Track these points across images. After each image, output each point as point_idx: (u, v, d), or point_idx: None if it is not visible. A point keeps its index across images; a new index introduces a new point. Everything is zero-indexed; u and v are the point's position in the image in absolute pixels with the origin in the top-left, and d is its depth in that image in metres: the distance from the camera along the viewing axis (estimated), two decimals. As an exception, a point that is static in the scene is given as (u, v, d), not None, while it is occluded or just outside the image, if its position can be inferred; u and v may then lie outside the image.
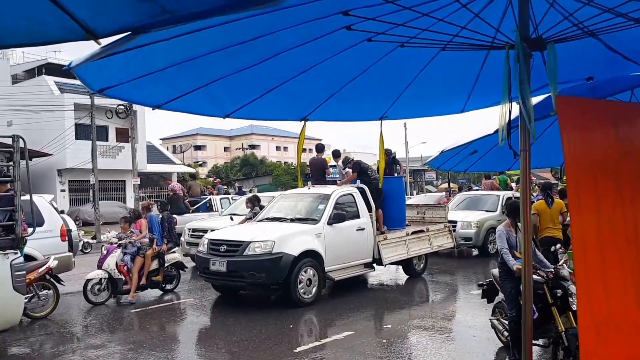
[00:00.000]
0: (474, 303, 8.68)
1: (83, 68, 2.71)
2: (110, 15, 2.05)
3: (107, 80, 3.08)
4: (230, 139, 74.89)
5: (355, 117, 4.61)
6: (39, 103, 27.70)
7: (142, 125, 32.94)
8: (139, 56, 2.77)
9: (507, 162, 5.80)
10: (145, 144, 34.71)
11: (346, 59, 3.54)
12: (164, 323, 8.45)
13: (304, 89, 3.83)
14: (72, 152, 29.15)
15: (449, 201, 16.20)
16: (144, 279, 9.67)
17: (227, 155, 70.54)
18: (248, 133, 72.90)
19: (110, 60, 2.67)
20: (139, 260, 9.61)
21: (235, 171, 56.24)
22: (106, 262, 9.43)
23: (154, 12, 1.99)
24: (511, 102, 3.23)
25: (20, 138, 6.60)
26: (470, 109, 4.34)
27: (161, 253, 9.90)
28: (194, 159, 61.13)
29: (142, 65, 2.99)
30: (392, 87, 3.99)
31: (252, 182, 45.53)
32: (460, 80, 3.99)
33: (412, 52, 3.51)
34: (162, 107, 3.51)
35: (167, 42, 2.67)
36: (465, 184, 27.28)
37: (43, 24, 2.09)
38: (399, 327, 7.56)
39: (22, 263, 6.38)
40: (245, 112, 3.89)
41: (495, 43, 3.39)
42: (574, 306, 5.05)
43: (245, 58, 3.28)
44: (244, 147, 66.24)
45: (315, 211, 9.69)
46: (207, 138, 71.69)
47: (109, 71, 2.95)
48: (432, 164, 6.29)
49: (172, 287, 10.29)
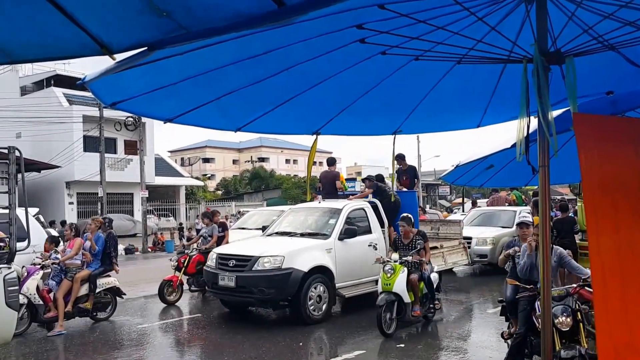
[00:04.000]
0: (489, 322, 8.50)
1: (97, 82, 2.70)
2: (125, 31, 2.04)
3: (119, 94, 3.06)
4: (239, 151, 75.12)
5: (368, 132, 4.55)
6: (48, 115, 27.81)
7: (150, 137, 33.05)
8: (152, 70, 2.74)
9: (524, 177, 5.70)
10: (153, 156, 34.81)
11: (359, 72, 3.48)
12: (171, 339, 8.37)
13: (316, 102, 3.78)
14: (81, 164, 29.25)
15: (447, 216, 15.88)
16: (70, 306, 8.43)
17: (235, 168, 70.72)
18: (257, 145, 73.08)
19: (123, 74, 2.64)
20: (65, 284, 8.44)
21: (244, 184, 56.32)
22: (25, 286, 7.95)
23: (169, 28, 1.97)
24: (529, 117, 3.16)
25: (16, 149, 6.49)
26: (487, 124, 4.27)
27: (92, 276, 8.77)
28: (203, 172, 61.38)
29: (155, 79, 2.96)
30: (406, 100, 3.92)
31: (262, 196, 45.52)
32: (477, 94, 3.92)
33: (427, 65, 3.45)
34: (174, 120, 3.48)
35: (180, 56, 2.63)
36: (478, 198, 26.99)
37: (59, 39, 2.09)
38: (412, 347, 7.37)
39: (15, 278, 6.26)
40: (257, 126, 3.84)
41: (513, 56, 3.33)
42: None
43: (258, 71, 3.23)
44: (253, 159, 66.39)
45: (325, 226, 9.58)
46: (215, 150, 71.95)
47: (121, 85, 2.93)
48: (447, 179, 6.19)
49: (105, 315, 9.15)
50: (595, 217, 2.88)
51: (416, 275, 7.97)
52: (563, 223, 11.08)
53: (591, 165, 2.94)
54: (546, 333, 3.37)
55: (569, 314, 5.07)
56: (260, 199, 43.37)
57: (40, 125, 27.88)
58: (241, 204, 39.82)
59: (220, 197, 49.71)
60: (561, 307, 5.09)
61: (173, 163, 45.74)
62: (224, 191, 54.65)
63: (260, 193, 48.71)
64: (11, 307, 6.12)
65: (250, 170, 60.80)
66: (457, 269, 12.29)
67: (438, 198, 47.57)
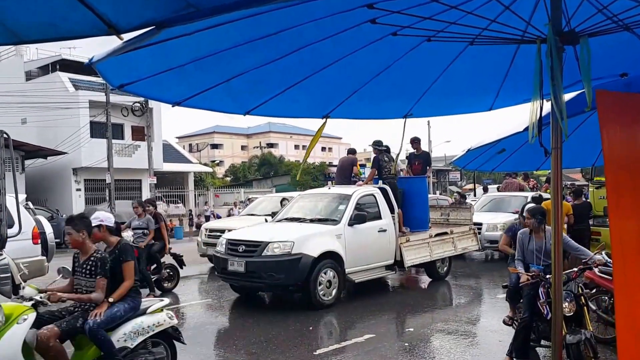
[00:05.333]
0: (499, 307, 8.46)
1: (104, 63, 2.66)
2: (133, 9, 2.00)
3: (127, 76, 3.02)
4: (247, 137, 75.05)
5: (379, 115, 4.49)
6: (53, 100, 27.53)
7: (158, 123, 32.79)
8: (159, 51, 2.70)
9: (536, 161, 5.64)
10: (161, 142, 34.56)
11: (370, 54, 3.42)
12: (182, 323, 8.41)
13: (326, 85, 3.72)
14: (88, 150, 28.91)
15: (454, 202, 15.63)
16: None
17: (244, 154, 70.71)
18: (266, 131, 72.92)
19: (131, 55, 2.60)
20: None
21: (253, 171, 56.36)
22: None
23: (178, 6, 1.94)
24: (542, 99, 3.11)
25: (5, 133, 6.40)
26: (499, 107, 4.20)
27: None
28: (211, 158, 61.36)
29: (163, 61, 2.92)
30: (417, 83, 3.86)
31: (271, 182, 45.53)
32: (489, 76, 3.85)
33: (439, 46, 3.39)
34: (182, 104, 3.44)
35: (188, 37, 2.59)
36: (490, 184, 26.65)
37: (65, 20, 2.06)
38: (422, 331, 7.40)
39: (7, 265, 6.22)
40: (266, 109, 3.80)
41: (526, 37, 3.26)
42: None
43: (267, 53, 3.19)
44: (261, 145, 66.32)
45: (335, 212, 9.58)
46: (224, 136, 71.90)
47: (129, 66, 2.89)
48: (458, 163, 6.12)
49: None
50: (617, 196, 2.82)
51: None
52: (579, 209, 10.99)
53: (613, 143, 2.88)
54: (557, 319, 3.34)
55: (572, 298, 5.08)
56: (269, 185, 43.34)
57: (45, 110, 27.52)
58: (250, 190, 39.83)
59: (229, 183, 49.80)
60: (564, 292, 5.06)
61: (181, 149, 45.71)
62: (232, 177, 54.71)
63: (269, 179, 48.68)
64: (3, 294, 6.08)
65: (259, 156, 60.78)
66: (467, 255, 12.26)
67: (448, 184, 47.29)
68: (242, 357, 6.40)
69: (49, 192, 29.57)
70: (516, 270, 5.68)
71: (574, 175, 39.97)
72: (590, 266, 5.55)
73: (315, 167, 48.47)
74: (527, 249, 5.77)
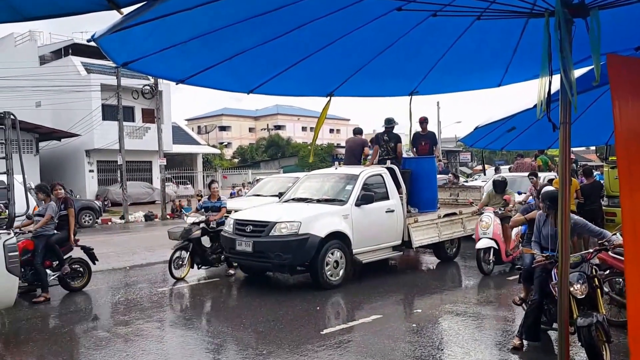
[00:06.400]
0: (509, 289, 8.46)
1: (107, 40, 2.65)
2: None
3: (131, 53, 2.99)
4: (255, 119, 75.04)
5: (384, 93, 4.42)
6: (66, 84, 27.93)
7: (167, 105, 33.04)
8: (161, 27, 2.67)
9: (547, 139, 5.53)
10: (170, 124, 34.87)
11: (374, 31, 3.35)
12: (190, 301, 8.49)
13: (330, 62, 3.66)
14: (100, 132, 29.42)
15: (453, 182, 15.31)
16: None
17: (252, 136, 70.74)
18: (273, 113, 72.87)
19: (133, 31, 2.58)
20: None
21: (261, 152, 56.40)
22: None
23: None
24: (551, 74, 3.03)
25: (12, 114, 6.43)
26: (508, 83, 4.11)
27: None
28: (219, 140, 61.50)
29: (165, 37, 2.88)
30: (423, 60, 3.78)
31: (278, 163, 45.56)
32: (497, 52, 3.76)
33: (445, 21, 3.30)
34: (186, 81, 3.41)
35: (189, 12, 2.55)
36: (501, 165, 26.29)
37: None
38: (430, 312, 7.38)
39: (15, 244, 6.29)
40: (270, 88, 3.74)
41: (535, 10, 3.17)
42: None
43: (270, 30, 3.13)
44: (269, 127, 66.27)
45: (342, 192, 9.54)
46: (232, 118, 71.96)
47: (132, 43, 2.86)
48: (466, 141, 6.02)
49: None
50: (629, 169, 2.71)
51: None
52: (590, 189, 10.85)
53: (625, 113, 2.76)
54: (563, 301, 3.29)
55: (585, 280, 4.98)
56: (277, 167, 43.42)
57: (59, 94, 28.02)
58: (258, 171, 39.93)
59: (237, 165, 49.90)
60: (577, 274, 4.98)
61: (190, 131, 45.82)
62: (240, 159, 54.84)
63: (276, 161, 48.73)
64: (12, 273, 6.15)
65: (266, 138, 60.76)
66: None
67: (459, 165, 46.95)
68: (250, 336, 6.44)
69: (62, 174, 29.97)
70: (530, 251, 5.62)
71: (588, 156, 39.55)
72: (606, 247, 5.44)
73: (323, 149, 48.38)
74: (542, 233, 5.70)
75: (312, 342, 6.12)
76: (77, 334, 6.71)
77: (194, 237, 9.55)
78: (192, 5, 2.51)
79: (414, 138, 11.63)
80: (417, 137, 11.64)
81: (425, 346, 5.94)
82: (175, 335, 6.68)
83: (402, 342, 6.10)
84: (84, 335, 6.63)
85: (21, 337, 6.67)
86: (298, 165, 41.76)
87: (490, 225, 9.38)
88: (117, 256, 12.39)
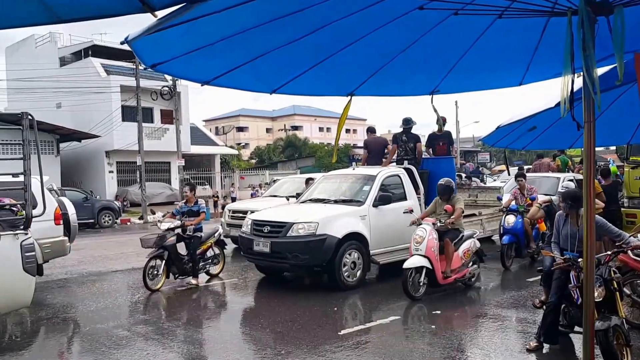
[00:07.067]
0: (528, 291, 8.36)
1: (139, 42, 2.68)
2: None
3: (160, 55, 3.04)
4: (272, 119, 75.30)
5: (405, 92, 4.41)
6: (86, 85, 28.27)
7: (185, 106, 33.25)
8: (191, 30, 2.71)
9: (569, 138, 5.47)
10: (189, 125, 35.10)
11: (396, 30, 3.35)
12: (209, 302, 8.54)
13: (350, 62, 3.67)
14: (119, 133, 29.69)
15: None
16: None
17: (269, 137, 70.97)
18: (290, 114, 73.05)
19: (164, 34, 2.62)
20: None
21: (278, 153, 56.55)
22: None
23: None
24: (574, 73, 3.00)
25: (29, 115, 6.50)
26: (529, 82, 4.08)
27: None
28: (237, 141, 61.74)
29: (193, 40, 2.92)
30: (444, 59, 3.77)
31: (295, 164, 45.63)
32: (518, 50, 3.73)
33: (466, 20, 3.29)
34: (211, 82, 3.45)
35: (218, 14, 2.58)
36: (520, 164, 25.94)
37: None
38: (449, 314, 7.33)
39: (32, 244, 6.33)
40: (292, 88, 3.76)
41: (557, 8, 3.14)
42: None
43: (293, 31, 3.15)
44: (286, 128, 66.41)
45: (360, 192, 9.53)
46: (249, 119, 72.29)
47: (162, 46, 2.90)
48: (487, 141, 5.97)
49: None
50: None
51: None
52: (608, 189, 10.67)
53: None
54: (589, 303, 3.25)
55: (601, 283, 4.88)
56: (294, 167, 43.47)
57: (79, 95, 28.39)
58: (275, 172, 40.01)
59: (254, 165, 50.09)
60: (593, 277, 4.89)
61: (208, 132, 46.08)
62: (257, 160, 55.05)
63: (293, 161, 48.80)
64: (29, 272, 6.17)
65: (283, 138, 60.91)
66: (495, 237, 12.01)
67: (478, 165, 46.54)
68: (268, 336, 6.45)
69: (83, 174, 30.44)
70: (549, 254, 5.55)
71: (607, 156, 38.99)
72: (623, 249, 5.35)
73: (340, 149, 48.35)
74: (562, 233, 5.62)
75: (329, 342, 6.11)
76: (97, 333, 6.79)
77: (168, 244, 8.87)
78: (221, 7, 2.53)
79: (430, 139, 11.58)
80: (434, 137, 11.58)
81: (445, 348, 5.89)
82: (194, 335, 6.72)
83: (421, 344, 6.06)
84: (104, 335, 6.70)
85: (43, 335, 6.78)
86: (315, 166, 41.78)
87: (424, 239, 7.92)
88: (136, 256, 12.48)
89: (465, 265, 8.40)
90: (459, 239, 8.33)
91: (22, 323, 7.24)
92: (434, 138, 11.55)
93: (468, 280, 8.63)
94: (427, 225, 8.10)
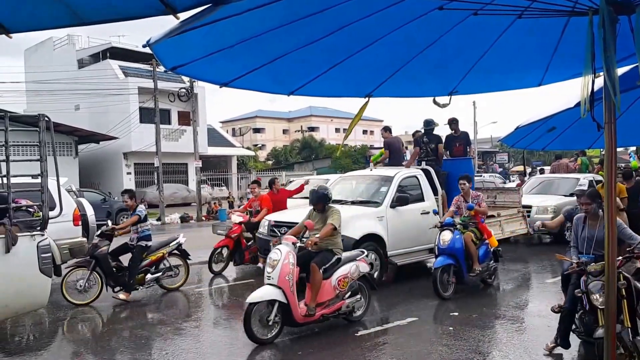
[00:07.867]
0: (548, 292, 8.28)
1: (160, 45, 2.70)
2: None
3: (180, 58, 3.07)
4: (289, 121, 75.43)
5: (423, 93, 4.39)
6: (104, 87, 28.59)
7: (202, 108, 33.46)
8: (211, 33, 2.73)
9: (588, 139, 5.40)
10: (205, 127, 35.33)
11: (414, 30, 3.34)
12: (226, 302, 8.59)
13: (369, 63, 3.67)
14: (137, 135, 29.95)
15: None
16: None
17: (286, 138, 71.13)
18: (307, 115, 73.13)
19: (185, 37, 2.64)
20: None
21: (295, 154, 56.64)
22: None
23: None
24: (594, 73, 2.97)
25: (46, 116, 6.57)
26: (549, 82, 4.04)
27: None
28: (253, 142, 62.00)
29: (214, 42, 2.94)
30: (462, 59, 3.75)
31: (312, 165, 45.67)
32: (537, 51, 3.71)
33: (485, 20, 3.27)
34: (230, 84, 3.47)
35: (238, 17, 2.59)
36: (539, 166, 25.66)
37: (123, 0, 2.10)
38: (467, 315, 7.27)
39: (48, 245, 6.39)
40: (309, 89, 3.78)
41: (577, 8, 3.11)
42: None
43: (311, 32, 3.16)
44: (302, 129, 66.50)
45: (377, 194, 9.51)
46: (265, 120, 72.50)
47: (182, 48, 2.93)
48: (506, 141, 5.91)
49: None
50: None
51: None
52: (630, 192, 10.51)
53: None
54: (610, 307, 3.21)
55: None
56: (311, 169, 43.50)
57: (97, 97, 28.72)
58: (291, 173, 40.09)
59: (271, 166, 50.23)
60: (599, 283, 4.75)
61: (225, 133, 46.38)
62: (274, 161, 55.20)
63: (310, 162, 48.85)
64: (45, 274, 6.23)
65: (300, 139, 61.00)
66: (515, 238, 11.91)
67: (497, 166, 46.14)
68: (284, 337, 6.46)
69: (101, 176, 30.77)
70: (564, 258, 5.44)
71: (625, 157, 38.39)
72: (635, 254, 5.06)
73: (357, 150, 48.23)
74: (580, 236, 5.50)
75: (347, 343, 6.12)
76: (115, 333, 6.86)
77: (99, 254, 8.09)
78: (243, 9, 2.55)
79: (447, 140, 11.50)
80: (450, 139, 11.51)
81: (462, 349, 5.86)
82: (212, 335, 6.77)
83: (439, 345, 6.04)
84: (122, 334, 6.78)
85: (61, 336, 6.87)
86: (332, 167, 41.75)
87: (278, 265, 6.17)
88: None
89: (339, 297, 6.62)
90: (331, 264, 6.59)
91: (40, 323, 7.35)
92: (451, 139, 11.48)
93: (349, 315, 6.80)
94: (284, 246, 6.32)
